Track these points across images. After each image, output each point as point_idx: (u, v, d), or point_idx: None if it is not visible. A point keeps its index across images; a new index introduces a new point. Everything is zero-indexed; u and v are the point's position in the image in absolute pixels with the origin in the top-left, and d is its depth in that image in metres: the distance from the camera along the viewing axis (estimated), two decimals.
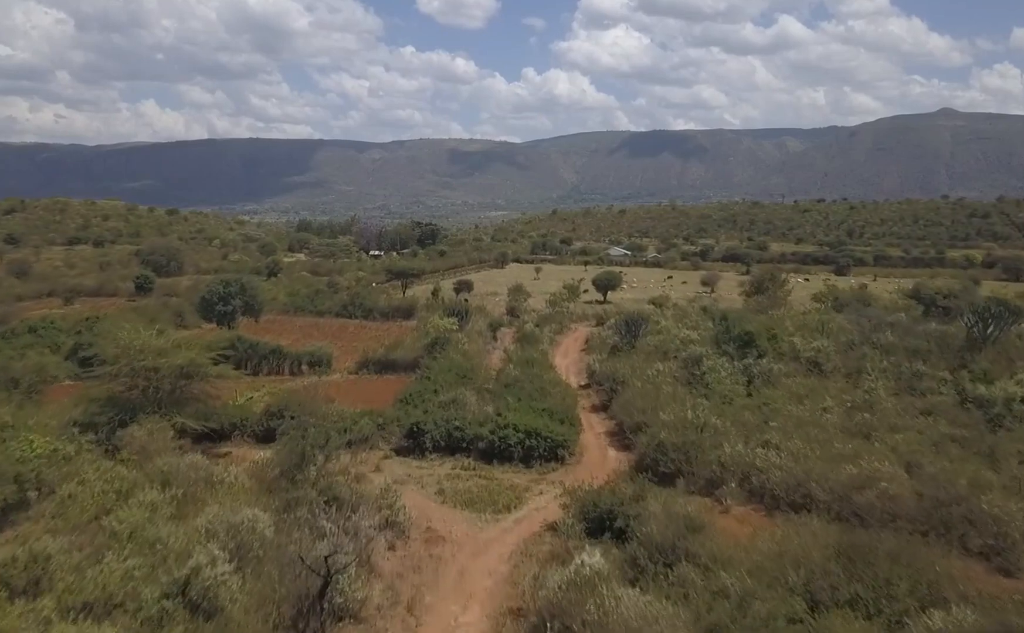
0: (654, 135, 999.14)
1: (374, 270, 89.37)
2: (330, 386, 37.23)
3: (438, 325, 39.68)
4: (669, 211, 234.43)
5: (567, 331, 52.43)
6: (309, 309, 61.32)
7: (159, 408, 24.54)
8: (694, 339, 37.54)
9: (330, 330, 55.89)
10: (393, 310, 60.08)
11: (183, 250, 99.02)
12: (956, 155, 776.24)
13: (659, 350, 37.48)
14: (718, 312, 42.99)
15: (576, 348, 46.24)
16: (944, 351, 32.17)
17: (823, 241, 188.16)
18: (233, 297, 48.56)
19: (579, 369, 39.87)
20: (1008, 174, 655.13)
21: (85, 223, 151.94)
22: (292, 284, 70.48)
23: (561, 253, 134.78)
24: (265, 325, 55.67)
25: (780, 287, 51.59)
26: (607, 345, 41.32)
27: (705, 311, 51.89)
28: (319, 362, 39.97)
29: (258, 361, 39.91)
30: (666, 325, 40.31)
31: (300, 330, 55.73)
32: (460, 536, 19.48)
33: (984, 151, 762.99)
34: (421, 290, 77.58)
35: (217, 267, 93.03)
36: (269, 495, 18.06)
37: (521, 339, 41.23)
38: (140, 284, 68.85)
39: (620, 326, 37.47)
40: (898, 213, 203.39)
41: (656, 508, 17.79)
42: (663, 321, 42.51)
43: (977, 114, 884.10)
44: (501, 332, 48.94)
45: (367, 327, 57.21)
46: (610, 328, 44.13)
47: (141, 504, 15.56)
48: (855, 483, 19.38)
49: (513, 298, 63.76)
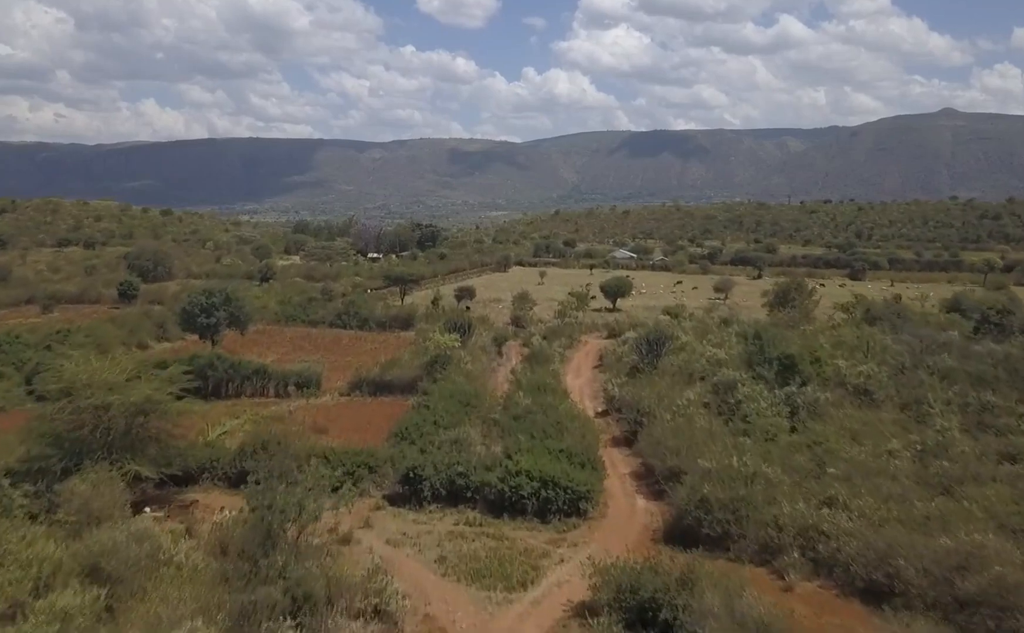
0: (654, 135, 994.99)
1: (371, 275, 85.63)
2: (319, 410, 33.58)
3: (438, 342, 35.95)
4: (673, 212, 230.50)
5: (577, 344, 48.73)
6: (301, 319, 57.64)
7: (110, 452, 20.80)
8: (723, 359, 33.78)
9: (323, 342, 52.22)
10: (391, 320, 56.40)
11: (173, 253, 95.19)
12: (957, 155, 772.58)
13: (683, 371, 33.75)
14: (747, 328, 39.16)
15: (589, 364, 42.52)
16: (1015, 378, 28.37)
17: (831, 243, 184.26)
18: (217, 308, 44.80)
19: (594, 391, 36.16)
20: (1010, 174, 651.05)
21: (77, 224, 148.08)
22: (284, 291, 66.79)
23: (565, 256, 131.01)
24: (253, 337, 51.96)
25: (807, 298, 47.68)
26: (624, 364, 37.57)
27: (726, 324, 48.17)
28: (307, 383, 36.27)
29: (240, 382, 36.18)
30: (690, 342, 36.50)
31: (290, 342, 52.05)
32: (466, 627, 15.75)
33: (985, 151, 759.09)
34: (421, 297, 73.89)
35: (209, 271, 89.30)
36: (226, 585, 14.31)
37: (530, 358, 37.45)
38: (124, 291, 65.11)
39: (640, 345, 33.74)
40: (907, 214, 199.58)
41: (714, 602, 14.05)
42: (684, 337, 38.70)
43: (978, 114, 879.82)
44: (507, 347, 45.22)
45: (362, 338, 53.54)
46: (627, 344, 40.40)
47: (51, 612, 11.79)
48: (954, 561, 15.66)
49: (518, 306, 60.08)
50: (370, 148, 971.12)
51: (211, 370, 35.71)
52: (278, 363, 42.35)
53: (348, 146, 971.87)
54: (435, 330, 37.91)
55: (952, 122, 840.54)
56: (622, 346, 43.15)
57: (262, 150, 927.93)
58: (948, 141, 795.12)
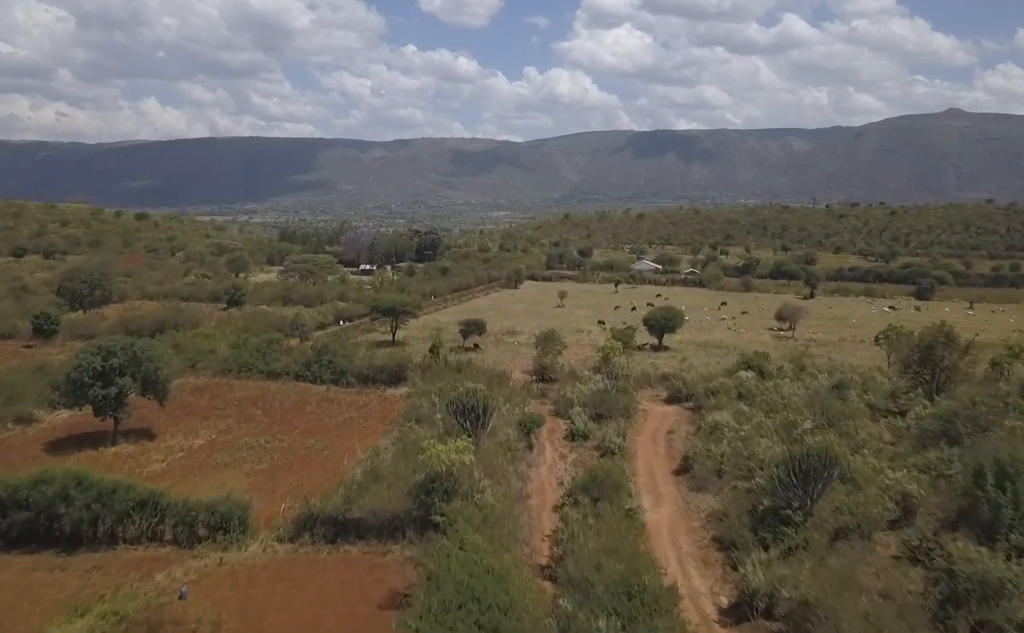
0: (657, 135, 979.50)
1: (359, 298, 71.50)
2: (234, 589, 19.61)
3: (439, 456, 21.87)
4: (691, 215, 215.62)
5: (635, 414, 34.76)
6: (259, 368, 43.65)
7: None
8: (916, 495, 19.76)
9: (281, 408, 38.26)
10: (375, 372, 42.30)
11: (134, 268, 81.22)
12: (963, 156, 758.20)
13: (860, 520, 19.65)
14: (925, 428, 24.98)
15: (664, 468, 28.48)
16: None
17: (864, 250, 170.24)
18: (118, 373, 30.83)
19: (694, 540, 22.03)
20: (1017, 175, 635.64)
21: (40, 229, 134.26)
22: (243, 327, 52.59)
23: (582, 268, 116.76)
24: (185, 400, 38.01)
25: (962, 356, 33.12)
26: (731, 484, 23.44)
27: (842, 390, 34.16)
28: (226, 524, 22.20)
29: (113, 524, 22.12)
30: (860, 468, 22.04)
31: (237, 408, 38.03)
32: None
33: (992, 152, 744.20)
34: (418, 327, 59.81)
35: (167, 290, 75.33)
36: None
37: (587, 484, 23.08)
38: (39, 326, 51.03)
39: (783, 479, 19.56)
40: (945, 219, 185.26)
41: None
42: (852, 457, 24.25)
43: (984, 114, 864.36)
44: (539, 433, 31.04)
45: (336, 400, 39.63)
46: (715, 432, 26.50)
47: None
48: None
49: (543, 349, 46.02)
50: (372, 148, 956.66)
51: (65, 505, 21.70)
52: (191, 475, 28.59)
53: (349, 146, 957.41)
54: (433, 436, 23.54)
55: (958, 122, 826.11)
56: (709, 433, 29.24)
57: (263, 149, 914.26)
58: (955, 142, 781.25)
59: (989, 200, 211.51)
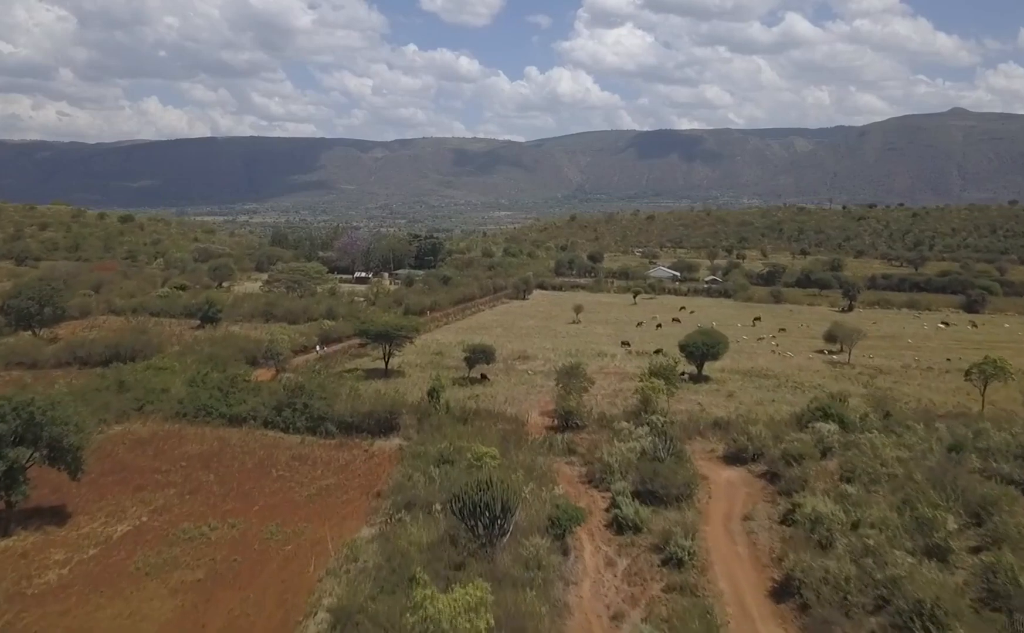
0: (659, 134, 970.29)
1: (350, 311, 63.41)
2: None
3: (440, 622, 13.77)
4: (703, 217, 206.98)
5: (696, 489, 26.62)
6: (220, 412, 35.56)
7: None
8: None
9: (238, 472, 30.17)
10: (361, 418, 34.22)
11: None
12: (968, 156, 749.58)
13: None
14: None
15: (754, 579, 20.51)
16: None
17: (887, 254, 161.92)
18: (11, 443, 22.84)
19: None
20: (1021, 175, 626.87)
21: (17, 233, 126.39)
22: (209, 355, 44.44)
23: (595, 275, 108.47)
24: (118, 462, 30.12)
25: None
26: None
27: (958, 453, 26.16)
28: None
29: None
30: None
31: (182, 473, 29.94)
32: None
33: (997, 151, 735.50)
34: (415, 351, 51.75)
35: (137, 304, 67.29)
36: None
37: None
38: None
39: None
40: (969, 221, 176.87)
41: None
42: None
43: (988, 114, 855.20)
44: (576, 535, 22.83)
45: (309, 458, 31.60)
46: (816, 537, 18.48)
47: None
48: None
49: (565, 387, 37.97)
50: (373, 147, 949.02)
51: None
52: (95, 592, 20.78)
53: (351, 145, 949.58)
54: (431, 589, 15.27)
55: (962, 122, 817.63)
56: (810, 529, 21.39)
57: (264, 149, 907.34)
58: (959, 141, 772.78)
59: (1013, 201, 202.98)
